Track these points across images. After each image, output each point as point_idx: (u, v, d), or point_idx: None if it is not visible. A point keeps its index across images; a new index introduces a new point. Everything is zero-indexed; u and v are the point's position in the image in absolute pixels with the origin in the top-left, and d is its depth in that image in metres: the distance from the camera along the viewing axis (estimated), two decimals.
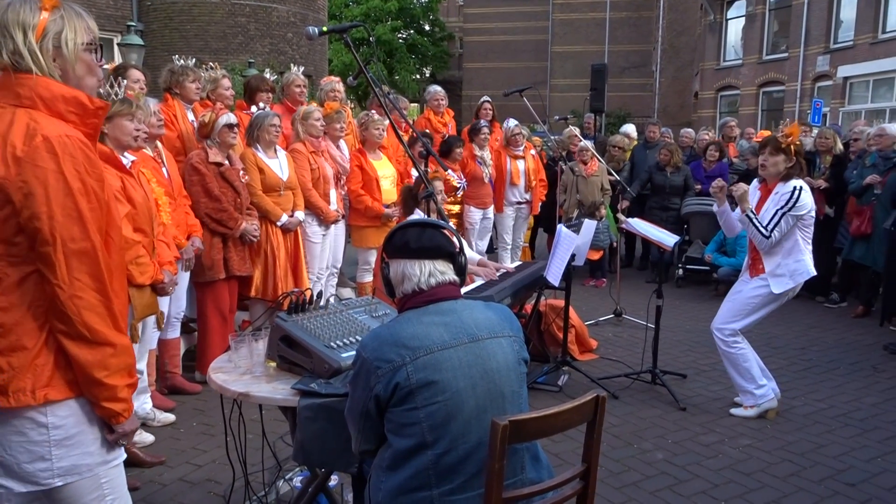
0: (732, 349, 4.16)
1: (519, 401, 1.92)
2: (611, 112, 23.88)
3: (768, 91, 22.17)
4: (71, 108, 1.71)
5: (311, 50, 17.04)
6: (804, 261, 4.03)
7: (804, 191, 3.96)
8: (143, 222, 3.16)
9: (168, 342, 4.31)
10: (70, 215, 1.65)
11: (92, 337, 1.68)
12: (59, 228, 1.63)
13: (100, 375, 1.69)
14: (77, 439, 1.74)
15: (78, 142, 1.68)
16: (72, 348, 1.68)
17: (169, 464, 3.52)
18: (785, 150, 4.00)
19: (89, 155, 1.70)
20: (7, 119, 1.65)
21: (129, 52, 12.11)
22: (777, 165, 4.02)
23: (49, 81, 1.69)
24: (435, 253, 1.96)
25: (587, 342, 5.43)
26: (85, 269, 1.67)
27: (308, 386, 2.28)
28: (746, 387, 4.19)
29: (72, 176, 1.65)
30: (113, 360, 1.71)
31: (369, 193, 5.60)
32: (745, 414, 4.21)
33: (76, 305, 1.65)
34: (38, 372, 1.68)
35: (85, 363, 1.68)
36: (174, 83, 4.78)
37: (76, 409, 1.74)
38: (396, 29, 32.41)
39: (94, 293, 1.68)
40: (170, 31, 15.84)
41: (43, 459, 1.71)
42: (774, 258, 4.06)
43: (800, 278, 4.04)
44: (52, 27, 1.70)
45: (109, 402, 1.74)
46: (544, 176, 7.75)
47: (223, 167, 4.37)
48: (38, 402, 1.67)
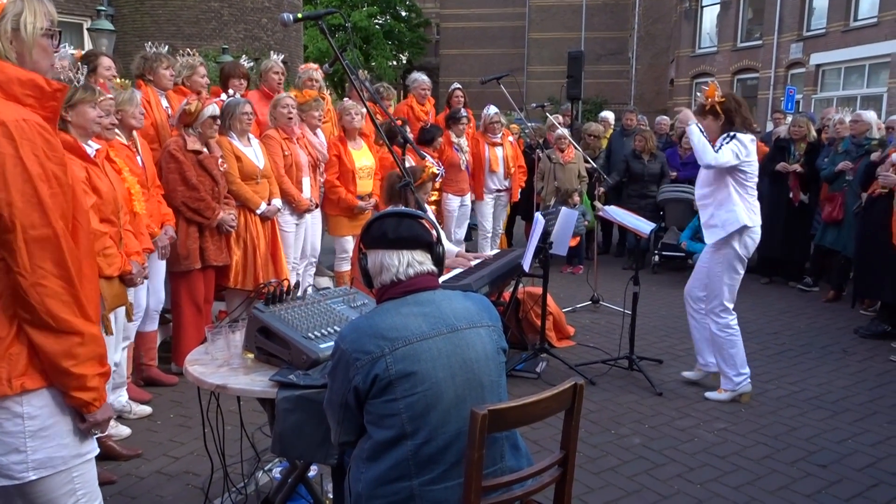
0: (723, 334, 4.23)
1: (498, 390, 1.93)
2: (587, 99, 23.94)
3: (742, 78, 22.37)
4: (28, 91, 1.66)
5: (286, 36, 16.81)
6: (735, 211, 4.08)
7: (735, 137, 4.03)
8: (109, 212, 3.10)
9: (145, 335, 4.26)
10: (30, 201, 1.60)
11: (57, 325, 1.65)
12: (18, 215, 1.59)
13: (67, 365, 1.67)
14: (52, 430, 1.72)
15: (36, 126, 1.63)
16: (37, 337, 1.64)
17: (146, 456, 3.49)
18: (710, 110, 4.13)
19: (48, 139, 1.65)
20: None
21: (100, 37, 11.84)
22: (710, 126, 4.15)
23: (4, 64, 1.64)
24: (413, 243, 1.96)
25: (565, 329, 5.47)
26: (47, 257, 1.63)
27: (286, 377, 2.26)
28: (727, 371, 4.27)
29: (31, 161, 1.60)
30: (80, 349, 1.68)
31: (345, 185, 5.56)
32: (719, 397, 4.28)
33: (38, 293, 1.62)
34: (12, 361, 1.65)
35: (51, 352, 1.65)
36: (147, 70, 4.70)
37: (50, 399, 1.71)
38: (373, 15, 32.06)
39: (58, 280, 1.64)
40: (141, 16, 15.51)
41: (18, 451, 1.69)
42: (708, 209, 4.18)
43: (730, 227, 4.09)
44: (11, 9, 1.66)
45: (79, 392, 1.71)
46: (523, 162, 7.76)
47: (202, 155, 4.31)
48: (14, 391, 1.65)
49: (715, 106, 4.11)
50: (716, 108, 4.11)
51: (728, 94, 4.19)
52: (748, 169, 4.09)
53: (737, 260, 4.18)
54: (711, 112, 4.13)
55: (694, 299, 4.44)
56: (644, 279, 4.91)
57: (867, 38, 17.19)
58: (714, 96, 4.13)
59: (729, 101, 4.13)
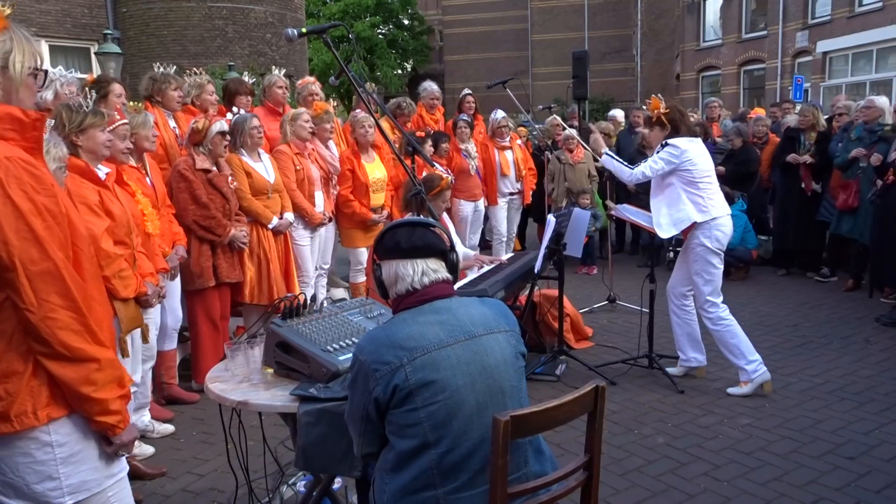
0: (718, 326, 4.27)
1: (519, 395, 1.92)
2: (594, 98, 23.90)
3: (749, 69, 22.27)
4: (7, 125, 1.66)
5: (291, 50, 16.94)
6: (684, 210, 4.22)
7: (668, 144, 4.21)
8: (122, 234, 3.13)
9: (165, 353, 4.29)
10: (25, 237, 1.62)
11: (72, 355, 1.66)
12: (17, 253, 1.60)
13: (87, 391, 1.69)
14: (82, 455, 1.75)
15: (20, 161, 1.64)
16: (54, 368, 1.67)
17: (171, 475, 3.51)
18: (657, 122, 4.32)
19: (34, 173, 1.66)
20: None
21: (107, 60, 11.98)
22: (656, 136, 4.36)
23: None
24: (426, 251, 1.96)
25: (582, 330, 5.45)
26: (52, 290, 1.64)
27: (307, 391, 2.26)
28: (738, 363, 4.27)
29: (20, 198, 1.61)
30: (98, 374, 1.70)
31: (358, 198, 5.57)
32: (741, 391, 4.25)
33: (49, 327, 1.64)
34: (35, 393, 1.67)
35: (70, 381, 1.67)
36: (155, 91, 4.74)
37: (78, 425, 1.74)
38: (375, 25, 32.24)
39: (66, 311, 1.65)
40: (147, 38, 15.68)
41: (51, 478, 1.71)
42: (660, 208, 4.33)
43: (682, 225, 4.23)
44: (1, 48, 1.66)
45: (102, 416, 1.74)
46: (533, 164, 7.75)
47: (211, 174, 4.34)
48: (41, 422, 1.67)
49: (661, 117, 4.30)
50: (662, 119, 4.30)
51: (672, 105, 4.36)
52: (690, 167, 4.19)
53: (710, 254, 4.24)
54: (658, 123, 4.32)
55: (676, 295, 4.50)
56: (660, 276, 4.88)
57: (873, 22, 17.04)
58: (658, 108, 4.32)
59: (673, 111, 4.33)
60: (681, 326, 4.53)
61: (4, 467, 1.71)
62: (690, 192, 4.22)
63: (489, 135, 7.28)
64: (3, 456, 1.70)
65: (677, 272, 4.51)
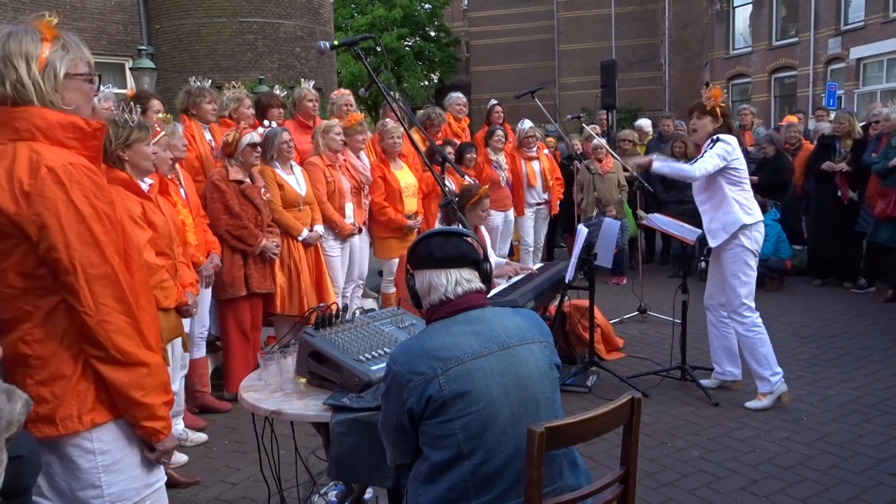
0: (750, 333, 4.17)
1: (553, 407, 1.90)
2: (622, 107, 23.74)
3: (780, 77, 21.96)
4: (69, 133, 1.71)
5: (320, 63, 17.14)
6: (734, 212, 4.10)
7: (720, 139, 4.06)
8: (164, 246, 3.18)
9: (195, 361, 4.34)
10: (86, 241, 1.65)
11: (125, 359, 1.69)
12: (77, 256, 1.64)
13: (137, 395, 1.72)
14: (123, 464, 1.77)
15: (82, 168, 1.68)
16: (107, 372, 1.69)
17: (204, 483, 3.54)
18: (710, 112, 4.16)
19: (95, 179, 1.70)
20: (9, 155, 1.65)
21: (142, 75, 12.23)
22: (705, 127, 4.19)
23: (43, 111, 1.69)
24: (460, 261, 1.95)
25: (613, 341, 5.39)
26: (109, 293, 1.67)
27: (340, 401, 2.27)
28: (762, 373, 4.18)
29: (81, 202, 1.65)
30: (148, 379, 1.73)
31: (392, 205, 5.61)
32: (761, 405, 4.17)
33: (105, 330, 1.67)
34: (81, 398, 1.70)
35: (121, 385, 1.70)
36: (191, 104, 4.83)
37: (119, 433, 1.76)
38: (403, 37, 32.49)
39: (121, 315, 1.69)
40: (179, 53, 16.00)
41: (94, 486, 1.74)
42: (707, 214, 4.21)
43: (732, 228, 4.10)
44: (54, 57, 1.70)
45: (149, 421, 1.76)
46: (560, 174, 7.72)
47: (244, 185, 4.40)
48: (85, 426, 1.70)
49: (716, 108, 4.17)
50: (716, 110, 4.17)
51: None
52: (738, 166, 4.12)
53: (749, 255, 4.16)
54: (711, 113, 4.18)
55: (715, 307, 4.41)
56: (691, 286, 4.81)
57: None
58: (719, 98, 4.21)
59: (726, 107, 4.22)
60: (719, 339, 4.44)
61: (51, 472, 1.74)
62: (736, 193, 4.12)
63: (516, 145, 7.27)
64: (49, 461, 1.74)
65: (713, 282, 4.42)
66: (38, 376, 1.68)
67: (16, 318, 1.68)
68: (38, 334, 1.68)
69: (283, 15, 16.63)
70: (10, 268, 1.66)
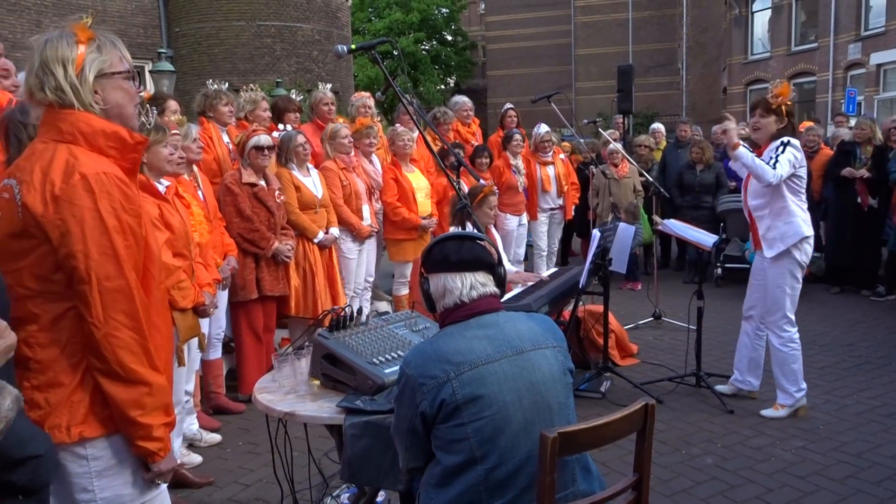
0: (787, 349, 4.08)
1: (567, 412, 1.90)
2: (638, 112, 23.66)
3: (799, 82, 21.74)
4: (111, 143, 1.72)
5: (336, 66, 17.23)
6: (794, 222, 3.95)
7: (790, 144, 3.89)
8: (181, 247, 3.21)
9: (211, 363, 4.37)
10: (106, 253, 1.65)
11: (126, 375, 1.67)
12: (94, 266, 1.63)
13: (134, 414, 1.68)
14: (116, 470, 1.74)
15: (115, 179, 1.68)
16: (107, 386, 1.67)
17: (217, 484, 3.56)
18: (776, 110, 3.97)
19: (126, 192, 1.70)
20: (48, 156, 1.67)
21: (161, 78, 12.38)
22: (769, 126, 4.00)
23: (90, 116, 1.70)
24: (475, 265, 1.95)
25: (627, 347, 5.36)
26: (120, 308, 1.66)
27: (353, 403, 2.27)
28: (788, 387, 4.11)
29: (108, 213, 1.65)
30: (148, 398, 1.70)
31: (405, 206, 5.63)
32: (777, 414, 4.12)
33: (111, 344, 1.65)
34: (73, 409, 1.68)
35: (120, 401, 1.67)
36: (208, 107, 4.87)
37: (113, 445, 1.74)
38: (419, 41, 32.60)
39: (129, 332, 1.67)
40: (199, 56, 16.16)
41: (86, 491, 1.72)
42: (765, 221, 4.02)
43: (790, 240, 3.95)
44: (90, 59, 1.71)
45: (145, 441, 1.72)
46: (576, 179, 7.70)
47: (257, 187, 4.43)
48: (72, 439, 1.67)
49: (782, 106, 3.96)
50: (782, 108, 3.96)
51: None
52: (802, 174, 3.97)
53: (797, 268, 4.03)
54: (776, 112, 3.97)
55: (755, 318, 4.29)
56: (707, 293, 4.77)
57: None
58: (787, 95, 3.96)
59: (793, 106, 4.01)
60: (748, 349, 4.34)
61: None
62: (797, 202, 3.95)
63: (532, 150, 7.27)
64: None
65: (754, 293, 4.27)
66: (34, 380, 1.67)
67: (22, 318, 1.67)
68: (41, 338, 1.67)
69: (301, 18, 16.75)
70: (26, 268, 1.66)
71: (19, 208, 1.65)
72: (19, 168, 1.71)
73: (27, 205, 1.64)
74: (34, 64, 1.69)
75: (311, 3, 16.88)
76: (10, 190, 1.68)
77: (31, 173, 1.66)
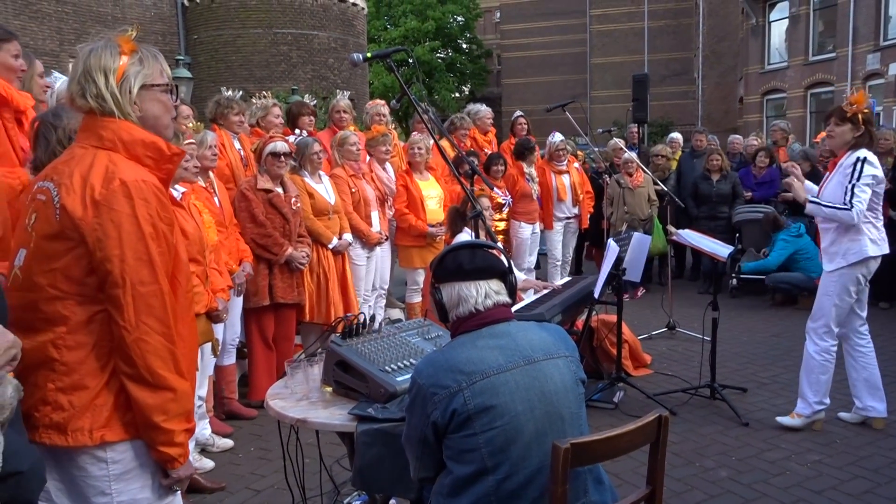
0: (820, 358, 3.95)
1: (579, 422, 1.88)
2: (653, 121, 23.60)
3: (816, 93, 21.60)
4: (149, 153, 1.76)
5: (352, 74, 17.33)
6: (861, 240, 3.76)
7: (867, 161, 3.72)
8: (195, 252, 3.23)
9: (224, 368, 4.38)
10: (141, 259, 1.67)
11: (153, 381, 1.69)
12: (129, 271, 1.66)
13: (158, 419, 1.70)
14: (135, 474, 1.76)
15: (153, 187, 1.72)
16: (134, 391, 1.69)
17: (229, 489, 3.56)
18: (851, 118, 3.79)
19: (162, 200, 1.74)
20: (88, 161, 1.70)
21: (179, 84, 12.49)
22: (844, 135, 3.82)
23: (131, 126, 1.74)
24: (489, 273, 1.95)
25: (641, 357, 5.33)
26: (151, 313, 1.68)
27: (365, 411, 2.27)
28: (809, 397, 4.03)
29: (144, 220, 1.68)
30: (172, 404, 1.72)
31: (414, 213, 5.66)
32: (792, 423, 4.07)
33: (140, 349, 1.67)
34: (96, 412, 1.69)
35: (145, 406, 1.69)
36: (219, 115, 4.91)
37: (133, 448, 1.75)
38: (435, 49, 32.72)
39: (159, 337, 1.69)
40: (216, 63, 16.32)
41: (104, 494, 1.74)
42: (829, 235, 3.86)
43: (853, 258, 3.78)
44: (132, 70, 1.75)
45: (166, 447, 1.74)
46: (590, 187, 7.68)
47: (272, 194, 4.45)
48: (94, 442, 1.69)
49: (858, 115, 3.78)
50: (858, 117, 3.78)
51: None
52: (879, 190, 3.79)
53: (852, 283, 3.83)
54: (852, 120, 3.79)
55: (846, 335, 4.03)
56: (722, 304, 4.73)
57: None
58: (862, 104, 3.80)
59: (870, 113, 3.82)
60: (857, 370, 4.02)
61: (61, 477, 1.75)
62: (868, 219, 3.76)
63: (546, 158, 7.26)
64: (62, 466, 1.74)
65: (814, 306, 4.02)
66: (59, 382, 1.69)
67: (53, 319, 1.69)
68: (70, 340, 1.69)
69: (318, 26, 16.87)
70: (59, 269, 1.68)
71: (57, 210, 1.67)
72: (57, 171, 1.74)
73: (66, 207, 1.66)
74: (77, 71, 1.74)
75: (328, 11, 17.00)
76: (47, 192, 1.71)
77: (70, 176, 1.69)
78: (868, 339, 4.02)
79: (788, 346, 5.69)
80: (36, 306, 1.69)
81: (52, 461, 1.72)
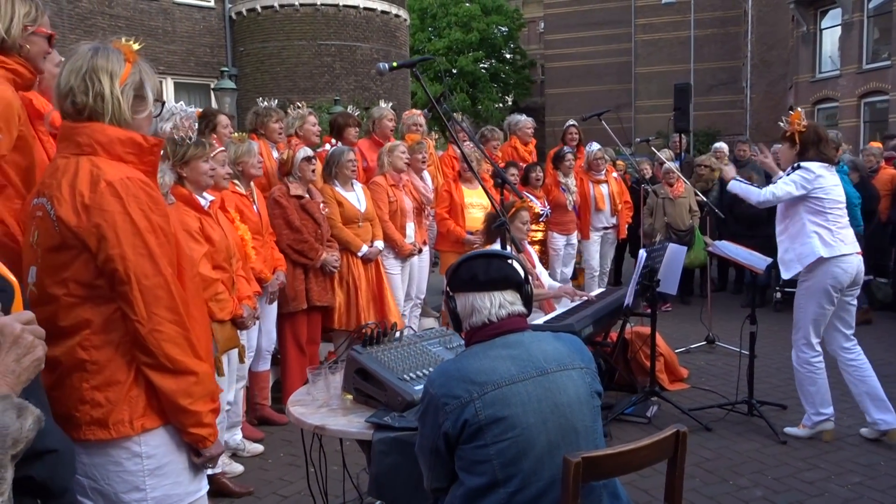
0: (803, 369, 4.09)
1: (594, 436, 1.85)
2: (700, 131, 23.21)
3: (870, 101, 20.92)
4: (128, 149, 1.80)
5: (394, 85, 17.47)
6: (809, 243, 3.93)
7: (801, 167, 3.95)
8: (221, 260, 3.28)
9: (258, 374, 4.44)
10: (140, 253, 1.73)
11: (174, 367, 1.75)
12: (132, 267, 1.71)
13: (185, 403, 1.77)
14: (168, 468, 1.82)
15: (139, 182, 1.76)
16: (157, 379, 1.75)
17: (257, 494, 3.60)
18: (788, 138, 4.10)
19: (150, 193, 1.78)
20: (72, 169, 1.75)
21: (223, 95, 12.82)
22: (785, 154, 4.16)
23: (104, 126, 1.78)
24: (503, 284, 1.93)
25: (677, 371, 5.21)
26: (161, 303, 1.74)
27: (382, 419, 2.27)
28: (807, 408, 4.12)
29: (137, 215, 1.73)
30: (196, 387, 1.79)
31: (453, 219, 5.73)
32: (798, 433, 4.09)
33: (156, 339, 1.73)
34: (133, 403, 1.76)
35: (170, 392, 1.76)
36: (259, 124, 5.01)
37: (167, 438, 1.82)
38: (478, 59, 32.78)
39: (172, 325, 1.75)
40: (261, 74, 16.63)
41: (137, 489, 1.79)
42: (783, 243, 4.09)
43: (806, 260, 3.94)
44: (132, 78, 1.82)
45: (196, 428, 1.81)
46: (629, 197, 7.57)
47: (304, 199, 4.52)
48: (136, 431, 1.76)
49: (794, 134, 4.06)
50: (794, 136, 4.06)
51: (811, 125, 4.11)
52: (822, 195, 3.93)
53: (823, 293, 3.94)
54: (789, 140, 4.10)
55: (836, 350, 4.12)
56: (764, 318, 4.62)
57: None
58: (797, 123, 4.07)
59: (810, 131, 4.05)
60: (856, 385, 4.05)
61: (97, 474, 1.79)
62: (817, 223, 3.94)
63: (585, 168, 7.19)
64: (97, 463, 1.79)
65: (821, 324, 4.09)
66: (93, 381, 1.75)
67: (76, 324, 1.76)
68: (96, 341, 1.75)
69: (361, 38, 17.08)
70: (71, 277, 1.75)
71: (55, 222, 1.74)
72: (46, 185, 1.80)
73: (61, 218, 1.72)
74: (81, 68, 1.78)
75: (370, 22, 17.20)
76: (42, 208, 1.78)
77: (59, 188, 1.75)
78: (857, 352, 4.07)
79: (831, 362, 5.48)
80: (57, 315, 1.75)
81: (87, 458, 1.77)
